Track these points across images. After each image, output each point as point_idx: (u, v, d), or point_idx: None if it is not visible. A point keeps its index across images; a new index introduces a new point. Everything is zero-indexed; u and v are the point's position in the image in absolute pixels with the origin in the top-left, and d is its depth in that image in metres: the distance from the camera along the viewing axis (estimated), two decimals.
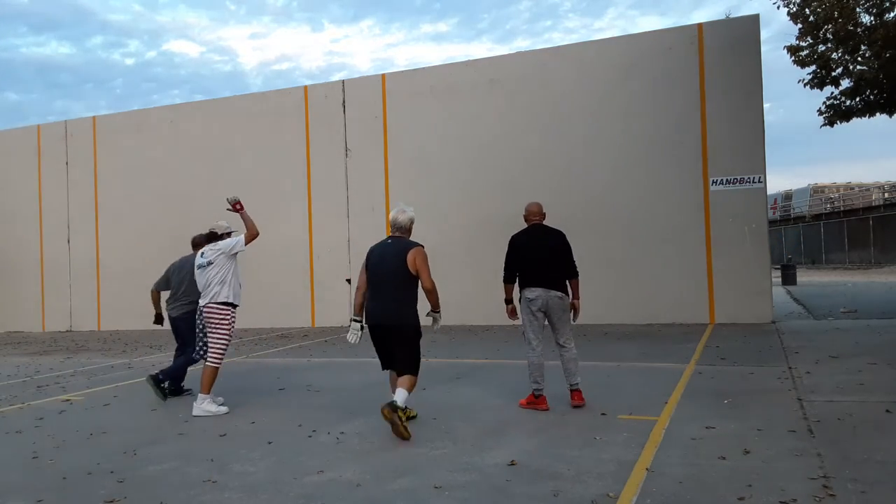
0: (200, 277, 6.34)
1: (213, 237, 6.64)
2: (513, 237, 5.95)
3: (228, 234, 6.64)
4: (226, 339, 6.25)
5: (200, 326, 6.55)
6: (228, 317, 6.24)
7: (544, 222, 6.05)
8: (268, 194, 15.10)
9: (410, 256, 5.06)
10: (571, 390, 5.79)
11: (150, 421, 5.96)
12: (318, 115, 14.92)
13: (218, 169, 15.61)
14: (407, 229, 5.32)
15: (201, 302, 6.31)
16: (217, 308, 6.18)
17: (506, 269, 5.91)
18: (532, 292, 5.70)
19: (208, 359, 6.25)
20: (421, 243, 5.17)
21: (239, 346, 11.63)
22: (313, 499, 3.79)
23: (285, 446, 4.90)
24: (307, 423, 5.55)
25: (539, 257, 5.76)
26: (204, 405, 6.11)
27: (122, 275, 16.25)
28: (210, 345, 6.27)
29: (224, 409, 6.18)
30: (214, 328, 6.22)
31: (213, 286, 6.22)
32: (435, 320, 5.30)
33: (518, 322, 5.96)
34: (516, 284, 5.90)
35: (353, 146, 14.69)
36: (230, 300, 6.24)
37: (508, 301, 5.94)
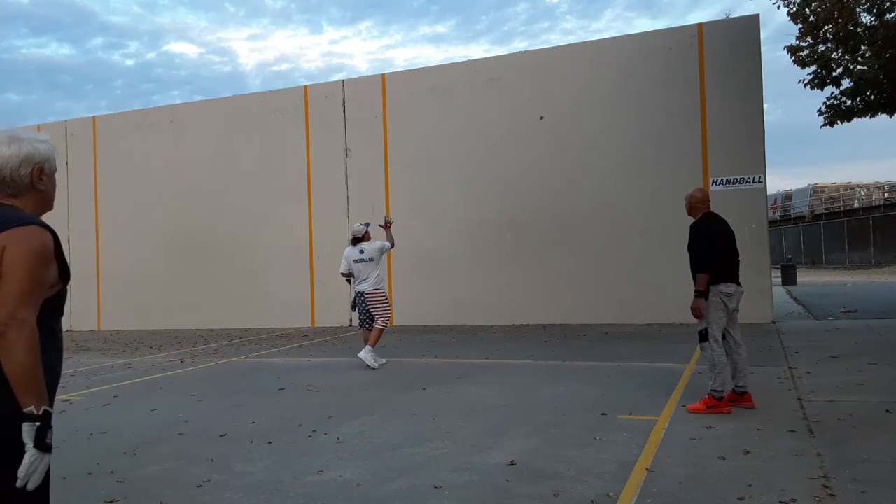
0: (359, 269, 8.53)
1: (357, 241, 8.61)
2: (713, 226, 5.56)
3: (366, 231, 8.68)
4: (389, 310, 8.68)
5: (364, 306, 8.53)
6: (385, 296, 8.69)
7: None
8: (268, 194, 15.10)
9: None
10: (742, 392, 5.49)
11: (150, 421, 5.96)
12: (318, 115, 14.92)
13: (218, 169, 15.61)
14: (10, 179, 2.04)
15: (363, 288, 8.47)
16: (379, 292, 8.55)
17: (710, 258, 5.41)
18: (729, 287, 5.48)
19: (379, 323, 8.42)
20: (38, 220, 2.01)
21: (239, 346, 11.63)
22: (313, 499, 3.79)
23: (285, 446, 4.90)
24: (307, 423, 5.55)
25: (735, 249, 5.63)
26: (368, 354, 8.25)
27: (123, 275, 16.26)
28: (379, 316, 8.46)
29: (377, 364, 8.24)
30: (379, 304, 8.49)
31: (372, 276, 8.52)
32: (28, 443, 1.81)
33: (697, 321, 5.51)
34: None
35: (353, 146, 14.69)
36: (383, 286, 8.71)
37: (703, 295, 5.41)
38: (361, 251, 8.55)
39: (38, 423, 1.80)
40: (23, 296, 1.83)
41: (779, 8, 12.26)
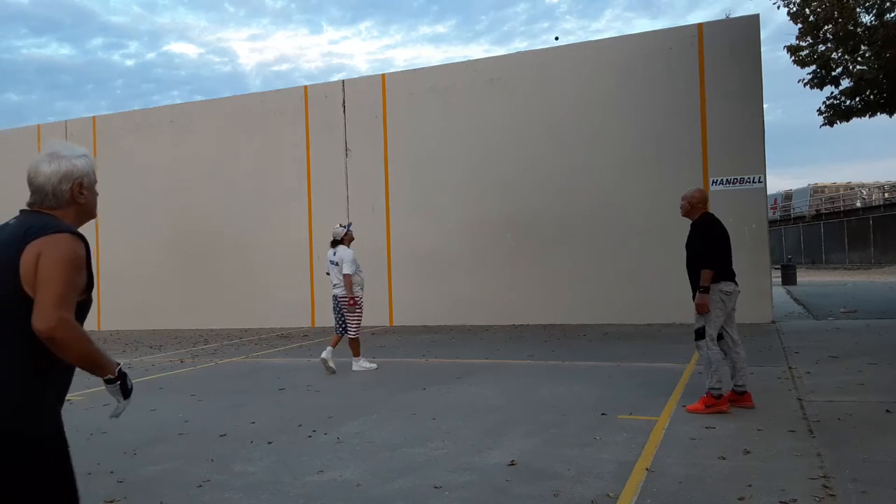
0: (333, 272, 8.36)
1: (336, 243, 8.41)
2: (715, 225, 5.59)
3: (346, 233, 8.41)
4: (358, 317, 8.27)
5: (338, 310, 8.35)
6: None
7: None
8: (268, 194, 15.10)
9: (31, 254, 1.94)
10: (742, 392, 5.49)
11: (150, 421, 5.96)
12: (318, 115, 14.92)
13: (218, 169, 15.61)
14: (52, 194, 2.14)
15: (336, 292, 8.30)
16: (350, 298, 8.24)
17: (716, 256, 5.46)
18: (728, 286, 5.53)
19: (350, 333, 8.22)
20: (72, 228, 2.06)
21: (239, 346, 11.63)
22: (313, 499, 3.79)
23: (285, 446, 4.90)
24: (307, 423, 5.55)
25: (730, 249, 5.66)
26: (361, 363, 8.24)
27: (123, 274, 16.25)
28: (349, 325, 8.24)
29: (374, 365, 8.32)
30: (349, 311, 8.20)
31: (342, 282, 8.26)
32: (116, 403, 2.18)
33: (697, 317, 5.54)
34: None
35: (353, 146, 14.69)
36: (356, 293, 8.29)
37: (708, 290, 5.44)
38: (334, 253, 8.41)
39: (118, 382, 2.10)
40: (59, 299, 1.90)
41: (779, 8, 12.28)
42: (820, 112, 13.15)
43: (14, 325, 1.90)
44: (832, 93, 12.84)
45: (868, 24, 11.66)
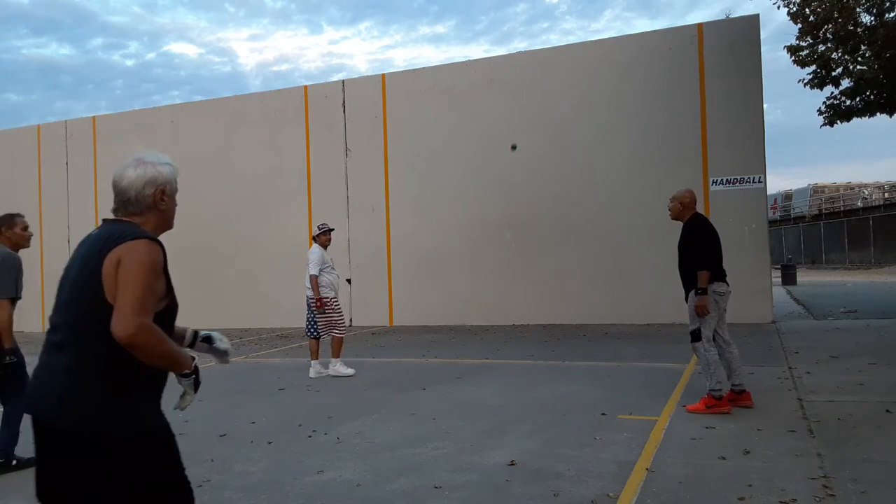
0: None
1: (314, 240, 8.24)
2: (708, 226, 5.58)
3: (319, 234, 8.16)
4: (336, 318, 7.97)
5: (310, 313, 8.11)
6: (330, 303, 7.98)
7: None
8: (268, 194, 15.10)
9: (111, 262, 2.01)
10: (740, 391, 5.50)
11: None
12: (318, 115, 14.92)
13: (218, 169, 15.60)
14: (135, 199, 2.24)
15: (308, 293, 7.99)
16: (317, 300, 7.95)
17: (711, 258, 5.45)
18: (721, 287, 5.51)
19: (335, 333, 7.93)
20: (150, 234, 2.13)
21: (239, 346, 11.63)
22: (313, 499, 3.79)
23: (285, 446, 4.91)
24: (307, 423, 5.56)
25: (721, 249, 5.62)
26: (336, 367, 7.86)
27: None
28: (321, 328, 7.98)
29: (351, 371, 7.86)
30: (321, 314, 7.95)
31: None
32: (184, 394, 2.33)
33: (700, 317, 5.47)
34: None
35: (353, 146, 14.69)
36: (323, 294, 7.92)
37: (706, 291, 5.40)
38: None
39: (193, 376, 2.27)
40: (139, 303, 1.96)
41: (779, 8, 12.26)
42: (820, 112, 13.14)
43: (98, 331, 1.96)
44: (832, 93, 12.82)
45: (868, 24, 11.65)
